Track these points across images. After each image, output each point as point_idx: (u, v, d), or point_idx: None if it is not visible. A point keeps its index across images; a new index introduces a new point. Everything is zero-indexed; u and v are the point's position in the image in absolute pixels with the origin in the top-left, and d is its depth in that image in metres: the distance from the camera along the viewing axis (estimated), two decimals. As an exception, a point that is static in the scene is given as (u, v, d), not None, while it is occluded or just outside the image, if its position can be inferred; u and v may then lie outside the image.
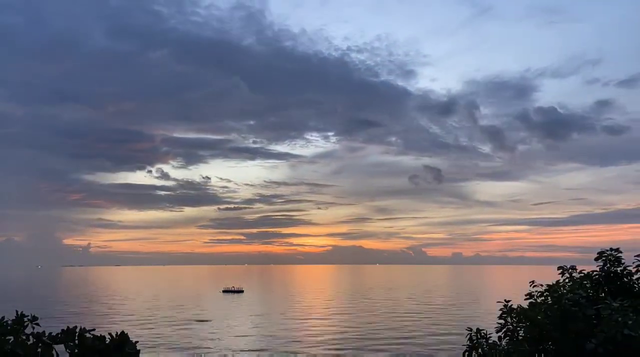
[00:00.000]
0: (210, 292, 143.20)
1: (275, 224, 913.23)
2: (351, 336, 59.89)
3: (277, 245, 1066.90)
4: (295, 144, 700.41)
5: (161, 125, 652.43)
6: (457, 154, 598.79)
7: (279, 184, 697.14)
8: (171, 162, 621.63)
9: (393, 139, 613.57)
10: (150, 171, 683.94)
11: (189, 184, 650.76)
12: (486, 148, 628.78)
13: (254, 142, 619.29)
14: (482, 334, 10.13)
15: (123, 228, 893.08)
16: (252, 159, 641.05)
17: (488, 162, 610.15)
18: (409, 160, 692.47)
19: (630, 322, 8.24)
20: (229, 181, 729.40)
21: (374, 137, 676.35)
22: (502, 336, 10.05)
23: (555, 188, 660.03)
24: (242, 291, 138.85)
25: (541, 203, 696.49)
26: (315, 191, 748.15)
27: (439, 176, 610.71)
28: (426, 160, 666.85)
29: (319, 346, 53.79)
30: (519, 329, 10.03)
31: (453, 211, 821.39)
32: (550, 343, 9.65)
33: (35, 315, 7.60)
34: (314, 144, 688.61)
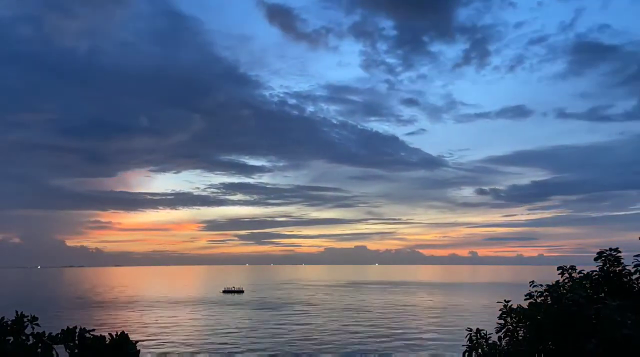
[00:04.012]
0: (210, 292, 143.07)
1: (271, 226, 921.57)
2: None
3: (274, 246, 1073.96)
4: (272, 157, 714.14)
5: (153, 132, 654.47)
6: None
7: (269, 188, 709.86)
8: (164, 167, 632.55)
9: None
10: (145, 175, 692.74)
11: (184, 188, 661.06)
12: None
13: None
14: (482, 334, 10.12)
15: (122, 229, 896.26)
16: (236, 168, 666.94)
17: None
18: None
19: (630, 322, 8.21)
20: (223, 184, 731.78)
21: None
22: (502, 336, 10.03)
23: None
24: (242, 291, 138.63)
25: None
26: (305, 195, 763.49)
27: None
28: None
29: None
30: (518, 329, 10.02)
31: (442, 214, 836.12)
32: (550, 343, 9.63)
33: (35, 315, 7.59)
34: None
